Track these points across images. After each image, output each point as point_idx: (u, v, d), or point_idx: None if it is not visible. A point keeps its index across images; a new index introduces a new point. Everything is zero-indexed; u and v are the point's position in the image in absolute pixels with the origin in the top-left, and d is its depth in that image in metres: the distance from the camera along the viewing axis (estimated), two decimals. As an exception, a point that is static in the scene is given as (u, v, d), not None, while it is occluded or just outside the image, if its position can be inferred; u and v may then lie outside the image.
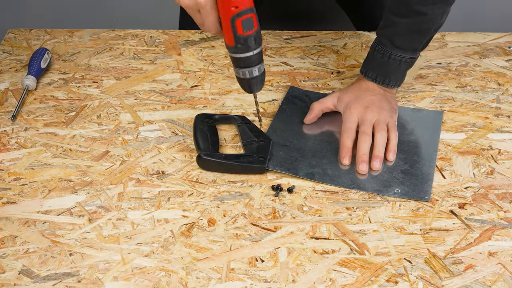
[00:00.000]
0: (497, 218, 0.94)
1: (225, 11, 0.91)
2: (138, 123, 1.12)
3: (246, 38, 0.93)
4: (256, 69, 0.97)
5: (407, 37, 1.06)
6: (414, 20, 1.04)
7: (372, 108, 1.07)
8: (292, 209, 0.96)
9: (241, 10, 0.91)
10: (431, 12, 1.03)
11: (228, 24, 0.92)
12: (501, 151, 1.06)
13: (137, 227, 0.92)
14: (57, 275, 0.85)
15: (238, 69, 0.97)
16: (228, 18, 0.92)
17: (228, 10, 0.91)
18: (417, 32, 1.06)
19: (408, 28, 1.05)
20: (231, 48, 0.95)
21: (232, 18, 0.91)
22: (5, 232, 0.92)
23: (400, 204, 0.96)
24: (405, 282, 0.85)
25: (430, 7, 1.02)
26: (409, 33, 1.06)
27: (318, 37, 1.36)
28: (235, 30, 0.92)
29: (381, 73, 1.09)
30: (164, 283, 0.85)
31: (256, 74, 0.98)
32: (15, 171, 1.02)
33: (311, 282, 0.85)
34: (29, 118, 1.13)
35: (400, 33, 1.06)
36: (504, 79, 1.23)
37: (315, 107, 1.12)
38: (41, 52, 1.24)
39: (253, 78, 0.98)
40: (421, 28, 1.05)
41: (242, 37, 0.93)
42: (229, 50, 0.96)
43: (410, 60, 1.08)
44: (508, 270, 0.86)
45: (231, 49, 0.95)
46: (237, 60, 0.96)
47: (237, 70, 0.98)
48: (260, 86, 1.00)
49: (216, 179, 1.01)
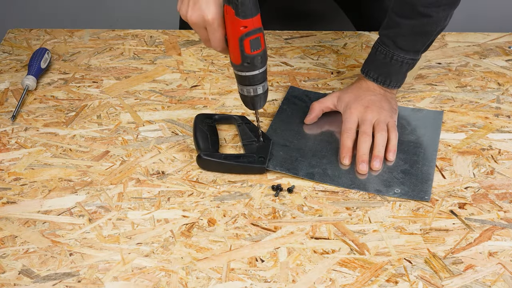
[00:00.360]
0: (497, 218, 0.94)
1: (234, 30, 0.91)
2: (138, 123, 1.12)
3: (253, 58, 0.93)
4: (261, 87, 0.97)
5: (410, 39, 1.06)
6: (418, 22, 1.04)
7: (372, 108, 1.07)
8: (292, 209, 0.96)
9: (250, 30, 0.91)
10: (435, 15, 1.03)
11: (236, 43, 0.92)
12: (501, 151, 1.06)
13: (137, 227, 0.92)
14: (57, 275, 0.85)
15: (242, 87, 0.97)
16: (236, 37, 0.91)
17: (237, 30, 0.90)
18: (420, 34, 1.06)
19: (412, 29, 1.05)
20: (237, 66, 0.95)
21: (241, 37, 0.91)
22: (5, 232, 0.92)
23: (400, 204, 0.96)
24: (405, 282, 0.85)
25: (435, 9, 1.02)
26: (412, 34, 1.06)
27: (318, 37, 1.36)
28: (242, 49, 0.92)
29: (383, 74, 1.09)
30: (164, 283, 0.85)
31: (260, 92, 0.98)
32: (15, 171, 1.02)
33: (311, 282, 0.85)
34: (29, 118, 1.13)
35: (404, 34, 1.06)
36: (504, 79, 1.23)
37: (315, 107, 1.12)
38: (41, 52, 1.24)
39: (256, 95, 0.98)
40: (425, 30, 1.05)
41: (249, 56, 0.93)
42: (235, 68, 0.96)
43: (412, 62, 1.09)
44: (508, 270, 0.86)
45: (236, 67, 0.95)
46: (242, 78, 0.96)
47: (241, 88, 0.98)
48: (263, 103, 1.00)
49: (216, 179, 1.01)
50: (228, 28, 0.92)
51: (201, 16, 0.92)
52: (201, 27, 0.93)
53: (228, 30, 0.92)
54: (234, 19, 0.90)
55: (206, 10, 0.91)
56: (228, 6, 0.89)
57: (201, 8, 0.91)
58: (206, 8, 0.91)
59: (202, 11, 0.91)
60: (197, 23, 0.93)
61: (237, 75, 0.97)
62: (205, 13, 0.91)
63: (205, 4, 0.91)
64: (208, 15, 0.91)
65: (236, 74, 0.97)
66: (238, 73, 0.96)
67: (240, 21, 0.90)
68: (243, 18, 0.89)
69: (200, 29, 0.94)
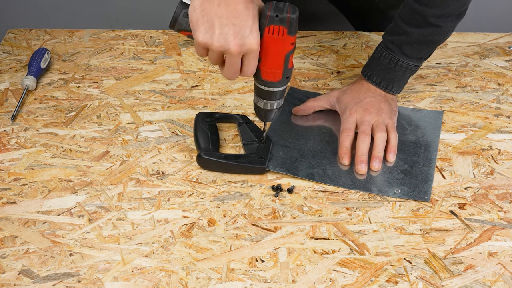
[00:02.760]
0: (497, 218, 0.94)
1: (282, 48, 0.90)
2: (138, 123, 1.12)
3: (291, 71, 0.94)
4: (281, 101, 0.98)
5: (416, 47, 1.07)
6: (427, 31, 1.05)
7: (371, 110, 1.07)
8: (292, 209, 0.96)
9: (295, 45, 0.91)
10: (444, 25, 1.04)
11: (282, 60, 0.91)
12: (501, 151, 1.06)
13: (137, 227, 0.92)
14: (57, 275, 0.85)
15: (265, 101, 0.97)
16: (283, 55, 0.91)
17: (286, 47, 0.90)
18: (427, 43, 1.06)
19: (419, 38, 1.05)
20: (275, 83, 0.94)
21: (288, 54, 0.91)
22: (5, 232, 0.92)
23: (400, 204, 0.96)
24: (405, 282, 0.85)
25: (444, 19, 1.03)
26: (419, 43, 1.06)
27: (318, 37, 1.36)
28: (287, 65, 0.92)
29: (386, 79, 1.10)
30: (164, 283, 0.85)
31: (279, 106, 0.98)
32: (15, 171, 1.02)
33: (311, 282, 0.85)
34: (29, 118, 1.13)
35: (411, 42, 1.06)
36: (504, 79, 1.23)
37: (308, 103, 1.13)
38: (41, 52, 1.24)
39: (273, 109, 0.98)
40: (432, 39, 1.06)
41: (289, 70, 0.93)
42: (270, 86, 0.94)
43: (415, 68, 1.09)
44: (508, 270, 0.86)
45: (275, 84, 0.94)
46: (273, 94, 0.95)
47: (262, 102, 0.97)
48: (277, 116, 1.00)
49: (216, 179, 1.01)
50: (272, 49, 0.90)
51: (246, 44, 0.87)
52: (240, 56, 0.90)
53: (272, 50, 0.90)
54: (285, 38, 0.89)
55: (250, 37, 0.87)
56: (280, 26, 0.88)
57: (245, 35, 0.87)
58: (251, 35, 0.87)
59: (247, 38, 0.87)
60: (240, 52, 0.88)
61: (265, 91, 0.95)
62: (249, 40, 0.87)
63: (249, 31, 0.87)
64: (253, 42, 0.88)
65: (264, 90, 0.95)
66: (272, 89, 0.95)
67: (291, 39, 0.89)
68: (293, 35, 0.89)
69: (238, 59, 0.90)
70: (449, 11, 1.02)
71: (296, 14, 0.88)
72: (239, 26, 0.87)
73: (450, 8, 1.02)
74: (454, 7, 1.02)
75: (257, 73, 0.93)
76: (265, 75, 0.93)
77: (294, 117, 1.14)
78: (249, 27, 0.87)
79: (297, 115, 1.14)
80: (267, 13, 0.88)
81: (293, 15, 0.88)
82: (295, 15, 0.88)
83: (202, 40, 0.88)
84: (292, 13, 0.88)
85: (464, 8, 1.03)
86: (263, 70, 0.93)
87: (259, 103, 0.98)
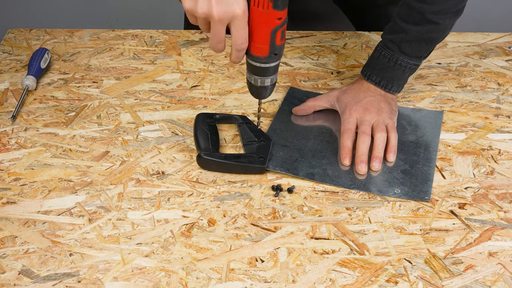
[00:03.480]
0: (497, 218, 0.94)
1: (267, 23, 0.89)
2: (138, 123, 1.12)
3: (281, 48, 0.92)
4: (274, 77, 0.97)
5: (415, 45, 1.06)
6: (425, 29, 1.05)
7: (371, 110, 1.07)
8: (292, 209, 0.96)
9: (283, 21, 0.89)
10: (442, 22, 1.04)
11: (268, 35, 0.90)
12: (501, 151, 1.06)
13: (137, 227, 0.92)
14: (57, 275, 0.85)
15: (256, 77, 0.96)
16: (269, 30, 0.89)
17: (272, 22, 0.89)
18: (426, 41, 1.06)
19: (418, 36, 1.05)
20: (262, 58, 0.93)
21: (274, 29, 0.89)
22: (5, 232, 0.92)
23: (400, 204, 0.96)
24: (405, 282, 0.85)
25: (442, 16, 1.03)
26: (418, 41, 1.06)
27: (318, 37, 1.36)
28: (274, 41, 0.90)
29: (385, 78, 1.10)
30: (164, 283, 0.85)
31: (272, 83, 0.98)
32: (15, 171, 1.02)
33: (311, 282, 0.85)
34: (29, 118, 1.13)
35: (409, 40, 1.06)
36: (504, 79, 1.23)
37: (308, 103, 1.13)
38: (41, 52, 1.24)
39: (267, 86, 0.97)
40: (431, 36, 1.06)
41: (278, 46, 0.92)
42: (259, 61, 0.94)
43: (415, 67, 1.09)
44: (508, 270, 0.86)
45: (262, 59, 0.93)
46: (261, 70, 0.95)
47: (254, 78, 0.96)
48: (269, 94, 1.00)
49: (216, 179, 1.01)
50: (257, 22, 0.89)
51: (230, 11, 0.87)
52: (224, 24, 0.89)
53: (258, 24, 0.89)
54: (270, 11, 0.87)
55: (235, 4, 0.87)
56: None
57: (229, 2, 0.87)
58: (235, 3, 0.87)
59: (231, 5, 0.87)
60: (223, 19, 0.88)
61: (255, 67, 0.94)
62: (234, 7, 0.87)
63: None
64: (238, 9, 0.87)
65: (254, 66, 0.94)
66: (261, 65, 0.94)
67: (277, 13, 0.88)
68: (280, 10, 0.88)
69: (222, 26, 0.89)
70: (446, 7, 1.02)
71: None
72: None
73: (447, 5, 1.02)
74: (451, 3, 1.02)
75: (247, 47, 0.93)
76: (253, 49, 0.92)
77: (294, 117, 1.14)
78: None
79: (297, 115, 1.14)
80: None
81: None
82: None
83: (188, 7, 0.89)
84: None
85: (462, 5, 1.03)
86: (251, 44, 0.92)
87: (251, 80, 0.97)
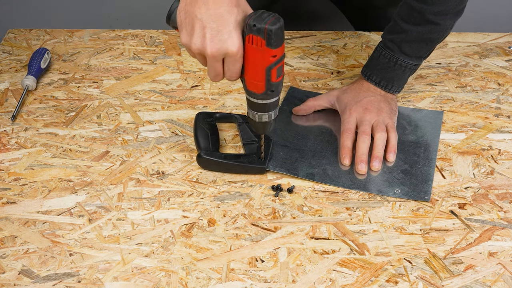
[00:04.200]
0: (497, 218, 0.94)
1: (262, 60, 0.87)
2: (138, 123, 1.12)
3: (278, 85, 0.90)
4: (275, 112, 0.95)
5: (415, 45, 1.06)
6: (426, 29, 1.04)
7: (371, 110, 1.07)
8: (292, 209, 0.96)
9: (278, 59, 0.88)
10: (443, 23, 1.04)
11: (263, 73, 0.88)
12: (501, 151, 1.06)
13: (137, 227, 0.92)
14: (57, 275, 0.85)
15: (257, 113, 0.94)
16: (263, 67, 0.88)
17: (266, 60, 0.87)
18: (426, 41, 1.06)
19: (418, 36, 1.05)
20: (258, 95, 0.91)
21: (269, 67, 0.88)
22: (5, 232, 0.92)
23: (400, 204, 0.96)
24: (405, 282, 0.85)
25: (442, 17, 1.03)
26: (418, 41, 1.06)
27: (318, 37, 1.36)
28: (269, 78, 0.89)
29: (385, 78, 1.10)
30: (164, 283, 0.85)
31: (274, 118, 0.95)
32: (15, 171, 1.02)
33: (311, 282, 0.85)
34: (29, 118, 1.13)
35: (409, 40, 1.06)
36: (504, 79, 1.23)
37: (309, 103, 1.13)
38: (41, 52, 1.24)
39: (269, 122, 0.95)
40: (431, 37, 1.06)
41: (274, 84, 0.90)
42: (255, 97, 0.92)
43: (415, 67, 1.09)
44: (508, 270, 0.86)
45: (258, 96, 0.91)
46: (259, 106, 0.93)
47: (255, 114, 0.94)
48: (272, 127, 0.97)
49: (216, 179, 1.01)
50: (252, 58, 0.88)
51: (223, 48, 0.86)
52: (219, 60, 0.88)
53: (253, 60, 0.88)
54: (263, 49, 0.86)
55: (229, 42, 0.86)
56: (257, 36, 0.85)
57: (223, 39, 0.86)
58: (229, 39, 0.86)
59: (224, 42, 0.86)
60: (216, 56, 0.87)
61: (253, 102, 0.93)
62: (227, 44, 0.86)
63: (228, 35, 0.85)
64: (231, 46, 0.86)
65: (252, 102, 0.93)
66: (258, 101, 0.92)
67: (271, 51, 0.86)
68: (274, 48, 0.86)
69: (217, 62, 0.89)
70: (447, 8, 1.02)
71: (277, 26, 0.84)
72: (216, 30, 0.85)
73: (448, 5, 1.02)
74: (452, 4, 1.02)
75: (244, 83, 0.91)
76: (249, 85, 0.91)
77: (294, 117, 1.14)
78: (227, 31, 0.85)
79: (297, 115, 1.14)
80: (247, 21, 0.86)
81: (272, 27, 0.84)
82: (274, 26, 0.84)
83: (184, 42, 0.89)
84: (272, 24, 0.84)
85: (462, 6, 1.03)
86: (247, 79, 0.90)
87: (249, 114, 0.95)
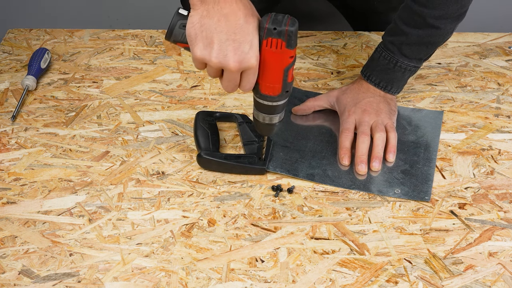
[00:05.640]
0: (497, 218, 0.94)
1: (281, 62, 0.87)
2: (138, 123, 1.12)
3: (291, 85, 0.91)
4: (282, 113, 0.95)
5: (415, 48, 1.06)
6: (426, 33, 1.04)
7: (370, 111, 1.07)
8: (292, 210, 0.96)
9: (294, 59, 0.88)
10: (443, 27, 1.04)
11: (281, 74, 0.88)
12: (501, 151, 1.06)
13: (137, 228, 0.92)
14: (57, 275, 0.86)
15: (266, 115, 0.94)
16: (282, 69, 0.88)
17: (285, 61, 0.87)
18: (426, 44, 1.06)
19: (419, 39, 1.05)
20: (275, 97, 0.91)
21: (287, 67, 0.88)
22: (5, 232, 0.92)
23: (400, 205, 0.96)
24: (405, 282, 0.85)
25: (443, 21, 1.03)
26: (419, 44, 1.06)
27: (318, 37, 1.36)
28: (286, 79, 0.89)
29: (385, 79, 1.10)
30: (164, 283, 0.85)
31: (282, 118, 0.95)
32: (15, 171, 1.02)
33: (311, 283, 0.85)
34: (29, 118, 1.13)
35: (410, 43, 1.06)
36: (504, 79, 1.23)
37: (308, 103, 1.13)
38: (41, 52, 1.24)
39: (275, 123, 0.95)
40: (431, 40, 1.06)
41: (289, 84, 0.90)
42: (270, 100, 0.91)
43: (415, 69, 1.09)
44: (508, 270, 0.86)
45: (274, 98, 0.91)
46: (273, 108, 0.92)
47: (267, 117, 0.94)
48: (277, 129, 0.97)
49: (216, 180, 1.01)
50: (269, 62, 0.87)
51: (245, 61, 0.86)
52: (239, 72, 0.88)
53: (270, 63, 0.88)
54: (283, 51, 0.86)
55: (250, 54, 0.85)
56: (278, 39, 0.85)
57: (244, 52, 0.85)
58: (251, 52, 0.85)
59: (247, 54, 0.85)
60: (239, 68, 0.86)
61: (264, 105, 0.92)
62: (248, 57, 0.85)
63: (249, 46, 0.85)
64: (252, 59, 0.86)
65: (263, 105, 0.92)
66: (272, 103, 0.92)
67: (290, 52, 0.87)
68: (292, 48, 0.86)
69: (237, 75, 0.88)
70: (448, 12, 1.02)
71: (295, 26, 0.85)
72: (238, 41, 0.85)
73: (449, 10, 1.02)
74: (453, 8, 1.02)
75: (256, 87, 0.91)
76: (264, 89, 0.90)
77: (294, 117, 1.14)
78: (248, 42, 0.85)
79: (297, 115, 1.14)
80: (265, 26, 0.85)
81: (291, 28, 0.85)
82: (294, 27, 0.85)
83: (200, 56, 0.87)
84: (291, 25, 0.85)
85: (463, 10, 1.03)
86: (262, 84, 0.90)
87: (259, 117, 0.95)
